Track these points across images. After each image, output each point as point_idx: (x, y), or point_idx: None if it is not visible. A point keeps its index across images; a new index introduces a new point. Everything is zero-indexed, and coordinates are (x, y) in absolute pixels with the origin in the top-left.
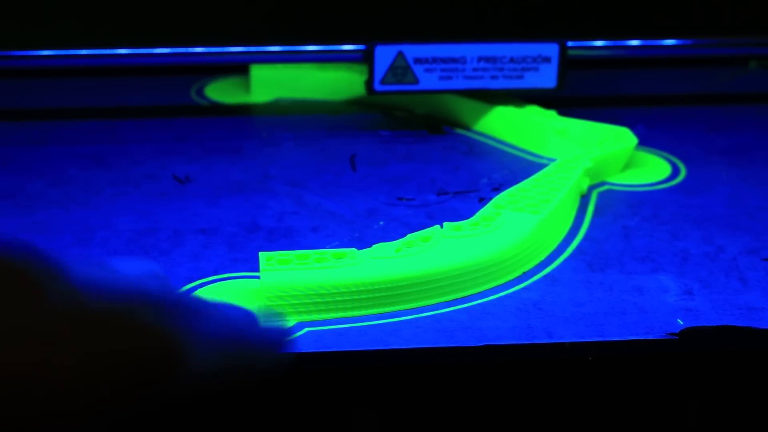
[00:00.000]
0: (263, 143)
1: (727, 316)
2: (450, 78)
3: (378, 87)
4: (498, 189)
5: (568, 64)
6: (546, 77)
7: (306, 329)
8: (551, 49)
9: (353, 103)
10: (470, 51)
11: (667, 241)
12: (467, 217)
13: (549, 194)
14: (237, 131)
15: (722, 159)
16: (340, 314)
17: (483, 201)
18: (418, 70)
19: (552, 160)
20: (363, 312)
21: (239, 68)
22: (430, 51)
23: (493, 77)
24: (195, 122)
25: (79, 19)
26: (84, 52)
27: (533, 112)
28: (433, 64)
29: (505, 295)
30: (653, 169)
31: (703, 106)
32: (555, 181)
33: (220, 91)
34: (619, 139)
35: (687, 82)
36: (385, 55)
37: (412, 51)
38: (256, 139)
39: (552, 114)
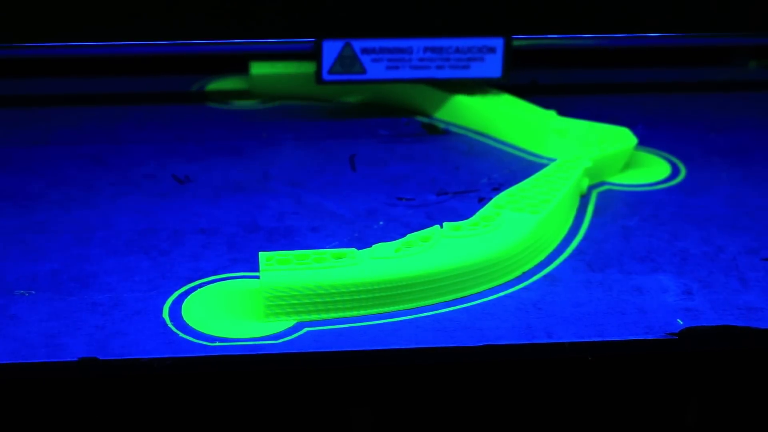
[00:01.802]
0: (263, 143)
1: (727, 316)
2: (397, 68)
3: (326, 77)
4: (498, 189)
5: (523, 56)
6: (492, 67)
7: (306, 329)
8: (496, 41)
9: (353, 102)
10: (417, 42)
11: (667, 241)
12: (467, 217)
13: (549, 194)
14: (237, 131)
15: (722, 159)
16: (340, 314)
17: (483, 201)
18: (365, 60)
19: (552, 160)
20: (363, 312)
21: (239, 68)
22: (377, 43)
23: (439, 67)
24: (195, 122)
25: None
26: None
27: (533, 111)
28: (380, 54)
29: (505, 295)
30: (653, 169)
31: (703, 106)
32: (555, 181)
33: (221, 91)
34: (619, 139)
35: (687, 82)
36: (333, 46)
37: (359, 43)
38: (256, 139)
39: (552, 114)
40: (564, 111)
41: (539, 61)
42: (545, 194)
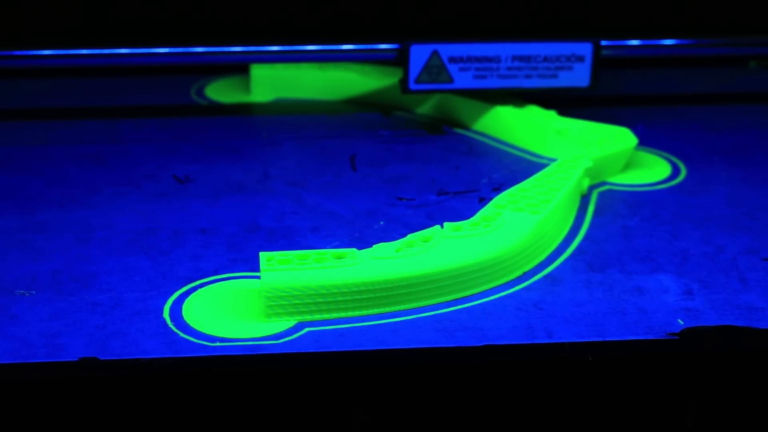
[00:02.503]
0: (263, 143)
1: (727, 316)
2: (484, 77)
3: (413, 86)
4: (498, 189)
5: (601, 64)
6: (579, 76)
7: (306, 329)
8: (585, 48)
9: (353, 102)
10: (504, 50)
11: (667, 241)
12: (467, 217)
13: (549, 194)
14: (237, 131)
15: (722, 159)
16: (340, 314)
17: (483, 201)
18: (452, 69)
19: (552, 160)
20: (363, 312)
21: (239, 68)
22: (464, 50)
23: (527, 76)
24: (195, 122)
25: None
26: (84, 51)
27: (533, 112)
28: (468, 63)
29: (505, 295)
30: (653, 169)
31: (703, 106)
32: (555, 181)
33: (220, 91)
34: (619, 139)
35: (687, 82)
36: (419, 54)
37: (446, 50)
38: (256, 139)
39: (552, 114)
40: (564, 111)
41: None
42: (545, 194)
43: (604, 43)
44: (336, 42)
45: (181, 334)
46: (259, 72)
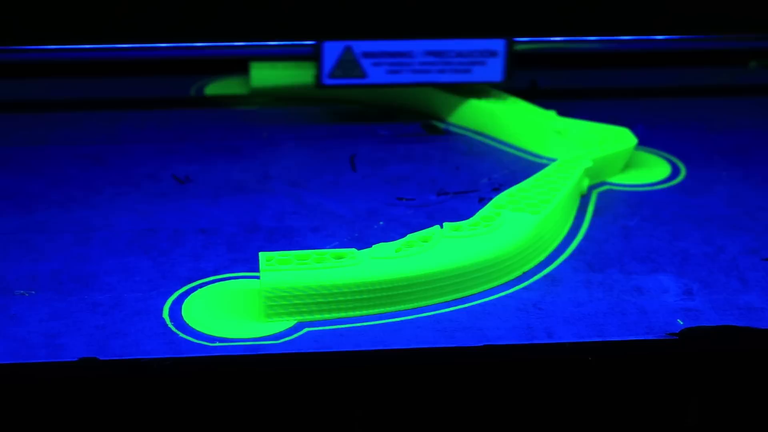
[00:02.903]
0: (263, 143)
1: (727, 316)
2: (398, 72)
3: (326, 81)
4: (498, 189)
5: (515, 59)
6: (493, 71)
7: (306, 329)
8: (498, 44)
9: (353, 102)
10: (417, 46)
11: (667, 241)
12: (467, 217)
13: (549, 194)
14: (237, 131)
15: (722, 159)
16: (340, 314)
17: (483, 201)
18: (365, 64)
19: (552, 160)
20: (363, 312)
21: (239, 68)
22: (377, 46)
23: (441, 71)
24: (195, 122)
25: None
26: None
27: (533, 112)
28: (381, 59)
29: (505, 295)
30: (653, 169)
31: (703, 107)
32: (555, 181)
33: (220, 91)
34: (619, 139)
35: (687, 82)
36: (333, 50)
37: (359, 46)
38: (256, 139)
39: (552, 114)
40: (564, 111)
41: (539, 62)
42: (545, 194)
43: (518, 39)
44: (255, 39)
45: (181, 335)
46: (259, 72)
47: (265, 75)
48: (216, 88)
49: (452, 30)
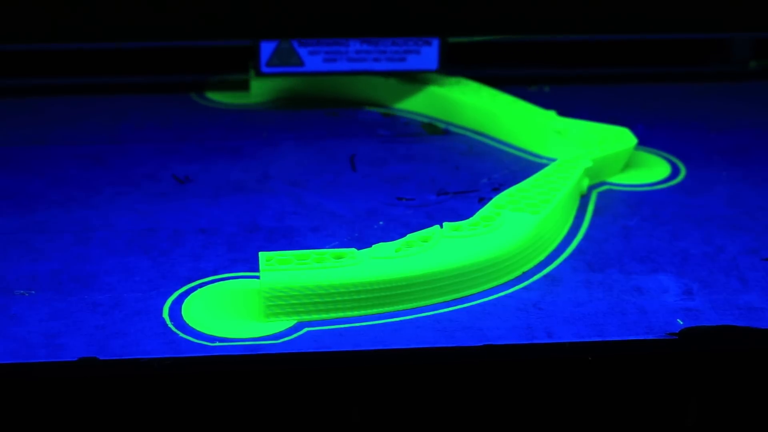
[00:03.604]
0: (263, 143)
1: (727, 316)
2: (334, 60)
3: (264, 69)
4: (498, 189)
5: (448, 47)
6: (427, 59)
7: (306, 329)
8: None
9: (353, 102)
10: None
11: (667, 241)
12: (467, 217)
13: (549, 194)
14: (237, 131)
15: (722, 159)
16: (340, 314)
17: (483, 201)
18: (302, 52)
19: (552, 160)
20: (363, 312)
21: (239, 68)
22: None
23: (376, 59)
24: (195, 122)
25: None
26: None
27: (533, 112)
28: (317, 47)
29: (505, 295)
30: (653, 169)
31: (703, 106)
32: (555, 181)
33: (220, 91)
34: (619, 139)
35: (687, 82)
36: (270, 42)
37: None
38: (256, 139)
39: (552, 114)
40: (564, 111)
41: (539, 62)
42: (545, 194)
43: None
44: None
45: (181, 334)
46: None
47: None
48: (216, 88)
49: (387, 30)
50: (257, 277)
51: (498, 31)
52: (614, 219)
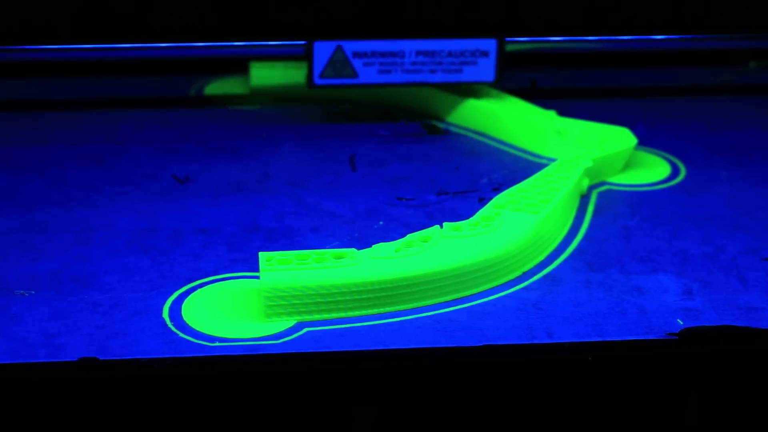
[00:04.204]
0: (263, 143)
1: (727, 316)
2: (389, 72)
3: (318, 81)
4: (498, 189)
5: (506, 58)
6: (484, 71)
7: (306, 329)
8: (489, 44)
9: (353, 102)
10: (408, 45)
11: (667, 241)
12: (467, 217)
13: (549, 194)
14: (237, 131)
15: (722, 159)
16: (341, 314)
17: (483, 201)
18: (357, 64)
19: (552, 160)
20: (363, 312)
21: (239, 68)
22: (368, 45)
23: (432, 71)
24: (195, 122)
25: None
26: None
27: (533, 112)
28: (372, 58)
29: (505, 295)
30: (653, 169)
31: (703, 106)
32: (555, 181)
33: (220, 91)
34: (619, 139)
35: (687, 82)
36: (324, 49)
37: (350, 46)
38: (256, 139)
39: (552, 114)
40: (564, 111)
41: (539, 62)
42: (545, 194)
43: (509, 39)
44: (249, 39)
45: (181, 334)
46: (258, 72)
47: (265, 75)
48: (216, 88)
49: (443, 30)
50: (257, 277)
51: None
52: (614, 219)
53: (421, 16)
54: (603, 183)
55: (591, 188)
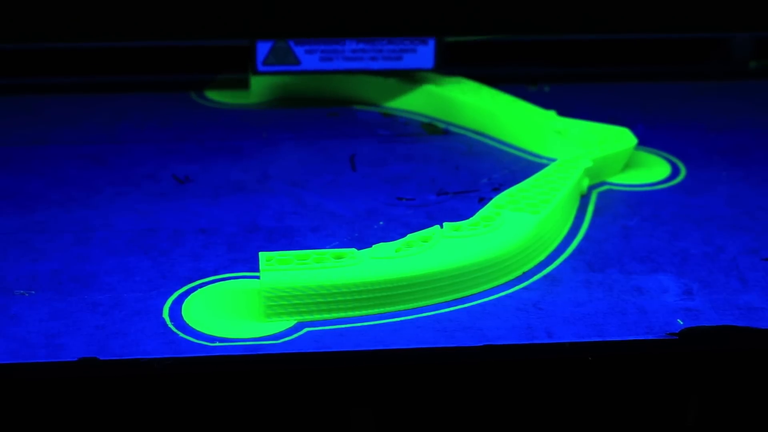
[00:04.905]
0: (263, 143)
1: (727, 316)
2: (330, 59)
3: (261, 68)
4: (498, 189)
5: (445, 46)
6: (424, 58)
7: (306, 329)
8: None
9: (353, 102)
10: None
11: (667, 241)
12: (467, 217)
13: (549, 194)
14: (237, 131)
15: (722, 159)
16: (340, 314)
17: (483, 201)
18: (299, 51)
19: (552, 160)
20: (363, 312)
21: (239, 68)
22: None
23: (373, 58)
24: (195, 122)
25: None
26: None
27: (533, 112)
28: (314, 46)
29: (505, 295)
30: (653, 169)
31: (703, 106)
32: (555, 181)
33: (220, 91)
34: (619, 139)
35: (687, 82)
36: (266, 41)
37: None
38: (256, 139)
39: (551, 114)
40: (564, 111)
41: (539, 62)
42: (545, 194)
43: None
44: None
45: (181, 334)
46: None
47: (265, 75)
48: (216, 88)
49: (383, 30)
50: (257, 277)
51: (496, 30)
52: (614, 219)
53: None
54: (603, 183)
55: (591, 188)
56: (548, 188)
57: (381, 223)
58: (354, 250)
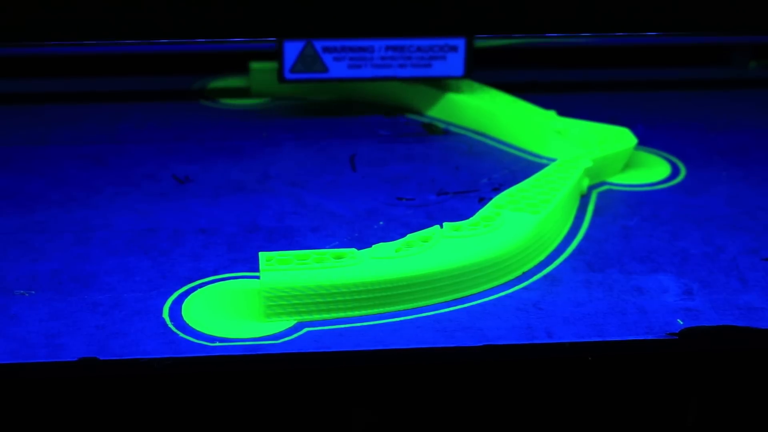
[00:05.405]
0: (263, 143)
1: (727, 316)
2: (359, 66)
3: (288, 75)
4: (498, 189)
5: (474, 54)
6: (453, 65)
7: (306, 329)
8: (457, 39)
9: (353, 102)
10: (378, 41)
11: (667, 241)
12: (467, 217)
13: (549, 194)
14: (237, 131)
15: (722, 159)
16: (340, 314)
17: (483, 201)
18: (327, 58)
19: (552, 160)
20: (363, 312)
21: (239, 68)
22: (338, 41)
23: (401, 66)
24: (195, 122)
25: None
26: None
27: (533, 112)
28: (342, 53)
29: (505, 295)
30: (653, 169)
31: (703, 106)
32: (555, 181)
33: (220, 91)
34: (619, 139)
35: (687, 82)
36: (294, 44)
37: (320, 42)
38: (256, 139)
39: (552, 114)
40: (564, 111)
41: (539, 62)
42: (545, 194)
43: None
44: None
45: (181, 334)
46: (259, 72)
47: (265, 75)
48: (217, 86)
49: (413, 30)
50: (257, 277)
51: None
52: (614, 219)
53: (392, 17)
54: (603, 183)
55: (591, 188)
56: (548, 188)
57: (381, 223)
58: (354, 250)
